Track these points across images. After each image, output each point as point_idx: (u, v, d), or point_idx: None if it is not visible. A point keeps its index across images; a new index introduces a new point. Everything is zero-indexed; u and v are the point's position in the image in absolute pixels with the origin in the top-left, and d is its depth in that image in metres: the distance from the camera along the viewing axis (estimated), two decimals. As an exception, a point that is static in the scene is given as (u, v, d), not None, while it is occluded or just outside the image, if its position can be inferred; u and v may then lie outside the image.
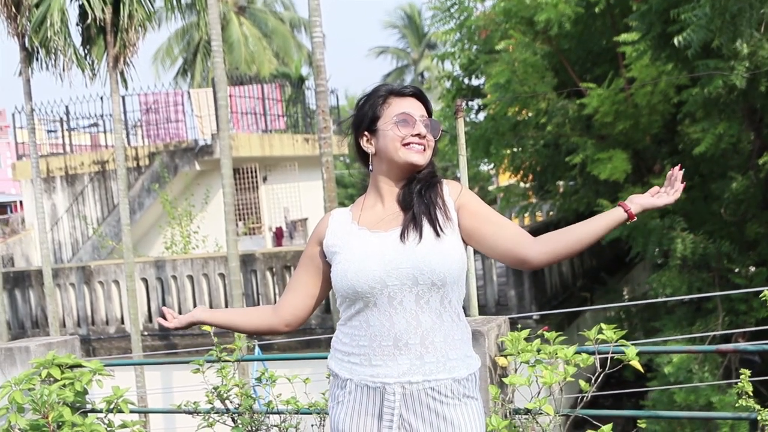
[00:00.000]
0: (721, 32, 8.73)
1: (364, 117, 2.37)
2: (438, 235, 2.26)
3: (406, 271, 2.22)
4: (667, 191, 2.26)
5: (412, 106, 2.35)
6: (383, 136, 2.33)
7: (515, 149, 12.85)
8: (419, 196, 2.31)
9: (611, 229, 2.24)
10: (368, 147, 2.38)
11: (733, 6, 8.38)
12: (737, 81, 9.01)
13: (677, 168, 2.26)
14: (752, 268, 11.39)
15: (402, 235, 2.26)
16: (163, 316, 2.57)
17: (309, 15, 9.94)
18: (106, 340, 13.75)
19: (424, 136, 2.33)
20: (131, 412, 4.42)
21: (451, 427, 2.23)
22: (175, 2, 12.54)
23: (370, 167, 2.39)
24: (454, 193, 2.36)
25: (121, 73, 12.06)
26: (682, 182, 2.30)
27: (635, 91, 10.66)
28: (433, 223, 2.27)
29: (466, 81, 13.96)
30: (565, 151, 12.06)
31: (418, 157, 2.32)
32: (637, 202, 2.24)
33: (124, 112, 17.75)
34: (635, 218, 2.23)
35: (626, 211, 2.21)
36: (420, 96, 2.38)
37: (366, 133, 2.37)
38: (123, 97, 17.28)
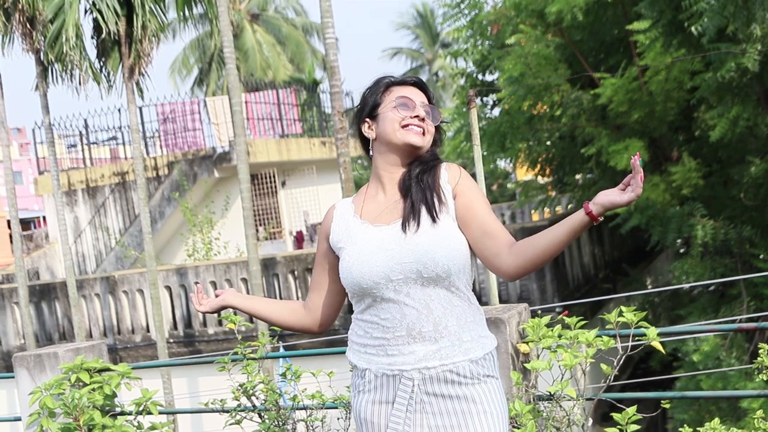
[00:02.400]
0: (734, 17, 8.70)
1: (366, 104, 2.42)
2: (434, 221, 2.27)
3: (410, 266, 2.24)
4: (631, 185, 2.09)
5: (413, 93, 2.40)
6: (383, 120, 2.37)
7: (531, 143, 12.83)
8: (417, 181, 2.34)
9: (577, 232, 2.16)
10: (369, 132, 2.41)
11: (745, -9, 8.36)
12: (749, 64, 8.97)
13: (636, 157, 2.09)
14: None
15: (403, 226, 2.28)
16: (192, 294, 2.61)
17: (321, 17, 10.00)
18: (132, 348, 13.87)
19: (423, 119, 2.36)
20: (160, 413, 4.48)
21: (472, 404, 2.25)
22: (187, 12, 12.66)
23: (371, 152, 2.42)
24: (453, 178, 2.35)
25: (137, 84, 12.18)
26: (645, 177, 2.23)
27: (649, 79, 10.63)
28: (430, 209, 2.29)
29: (479, 77, 13.97)
30: (581, 143, 12.04)
31: (417, 138, 2.34)
32: (599, 202, 2.11)
33: (142, 123, 17.91)
34: (600, 220, 2.13)
35: (587, 213, 2.12)
36: (421, 85, 2.43)
37: (367, 119, 2.41)
38: (140, 108, 17.43)
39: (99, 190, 18.66)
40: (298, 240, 18.60)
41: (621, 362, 3.30)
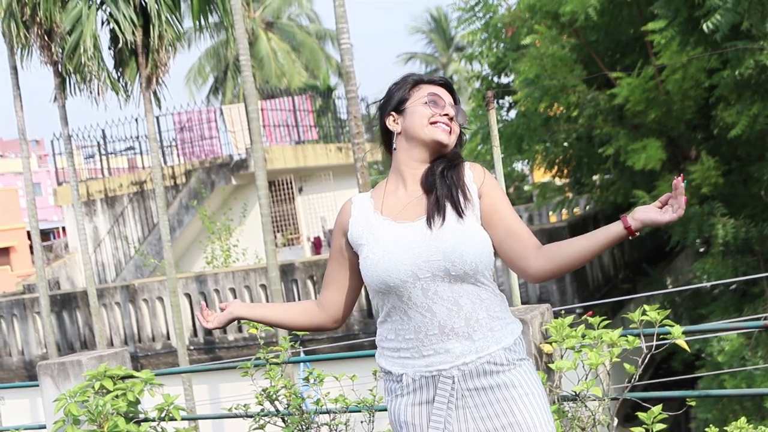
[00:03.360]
0: (749, 14, 8.66)
1: (392, 98, 2.40)
2: (460, 216, 2.26)
3: (437, 264, 2.21)
4: (672, 206, 2.15)
5: (442, 92, 2.39)
6: (411, 114, 2.34)
7: (547, 144, 12.81)
8: (441, 177, 2.31)
9: (612, 243, 2.21)
10: (394, 126, 2.38)
11: (759, -14, 8.33)
12: (767, 61, 8.92)
13: (680, 179, 2.15)
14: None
15: (428, 222, 2.25)
16: (198, 313, 2.57)
17: (336, 22, 10.02)
18: (153, 356, 13.93)
19: (452, 118, 2.35)
20: (183, 419, 4.50)
21: (512, 389, 2.24)
22: (202, 21, 12.73)
23: (394, 146, 2.38)
24: (478, 178, 2.34)
25: (154, 93, 12.26)
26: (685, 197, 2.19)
27: (666, 78, 10.58)
28: (456, 205, 2.27)
29: (495, 79, 13.96)
30: (599, 143, 12.00)
31: (444, 136, 2.33)
32: (639, 218, 2.16)
33: (159, 132, 18.00)
34: (636, 234, 2.17)
35: (626, 227, 2.17)
36: (449, 86, 2.42)
37: (393, 113, 2.38)
38: (157, 117, 17.53)
39: (117, 200, 18.77)
40: (316, 246, 18.63)
41: (645, 362, 3.28)
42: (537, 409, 2.25)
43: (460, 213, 2.26)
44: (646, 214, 2.16)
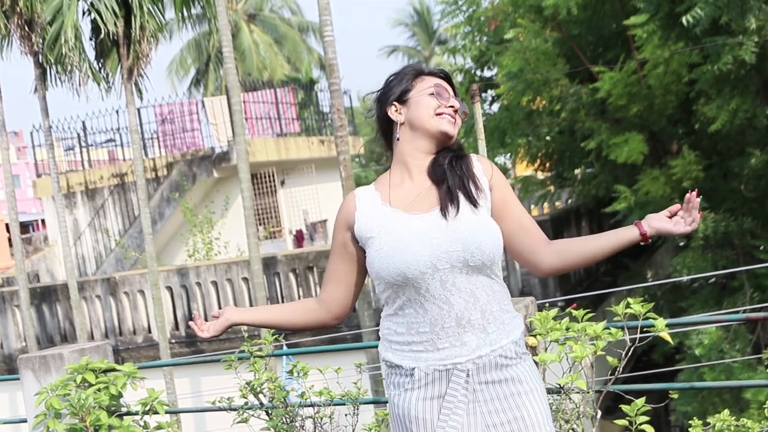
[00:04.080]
0: (729, 8, 8.72)
1: (394, 88, 2.37)
2: (475, 206, 2.25)
3: (456, 254, 2.19)
4: (685, 219, 2.25)
5: (443, 84, 2.37)
6: (416, 104, 2.32)
7: (530, 138, 12.84)
8: (451, 167, 2.29)
9: (624, 247, 2.29)
10: (397, 116, 2.34)
11: (740, -19, 8.38)
12: (746, 56, 8.98)
13: (694, 193, 2.24)
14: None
15: (443, 213, 2.23)
16: (192, 324, 2.47)
17: (319, 14, 9.99)
18: (134, 349, 13.87)
19: (457, 110, 2.34)
20: (166, 413, 4.48)
21: (519, 384, 2.25)
22: (185, 12, 12.64)
23: (397, 137, 2.35)
24: (487, 171, 2.34)
25: (136, 85, 12.18)
26: (699, 211, 2.29)
27: (648, 73, 10.63)
28: (469, 195, 2.26)
29: (478, 73, 13.97)
30: (581, 137, 12.04)
31: (450, 127, 2.31)
32: (654, 225, 2.26)
33: (140, 124, 17.89)
34: (649, 241, 2.26)
35: (641, 233, 2.26)
36: (448, 78, 2.40)
37: (395, 103, 2.35)
38: (138, 109, 17.43)
39: (98, 192, 18.65)
40: (298, 239, 18.60)
41: (629, 354, 3.30)
42: (540, 406, 2.27)
43: (474, 203, 2.26)
44: (661, 224, 2.26)
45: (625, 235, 2.29)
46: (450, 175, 2.28)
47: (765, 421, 3.44)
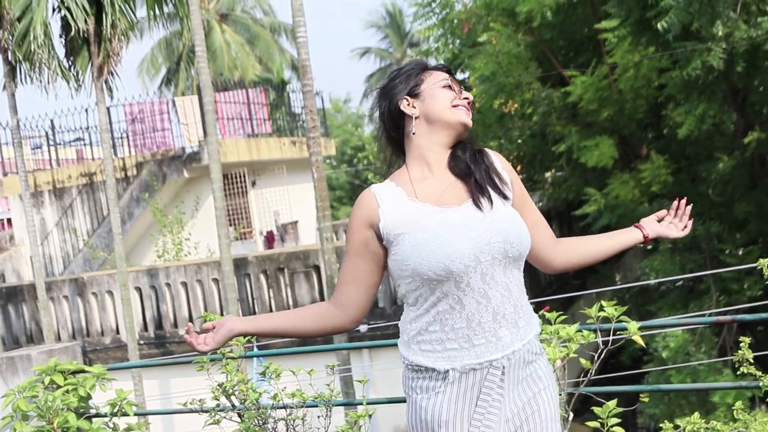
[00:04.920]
0: (699, 15, 8.83)
1: (403, 82, 2.32)
2: (506, 199, 2.26)
3: (497, 246, 2.16)
4: (676, 225, 2.48)
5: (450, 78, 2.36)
6: (431, 97, 2.28)
7: (502, 141, 12.91)
8: (474, 160, 2.28)
9: (628, 247, 2.43)
10: (411, 110, 2.29)
11: (710, -12, 8.50)
12: (714, 62, 9.10)
13: (683, 201, 2.42)
14: (739, 251, 11.47)
15: (477, 206, 2.20)
16: (188, 337, 2.28)
17: (292, 15, 9.96)
18: (102, 350, 13.73)
19: (470, 102, 2.32)
20: (136, 414, 4.43)
21: (539, 381, 2.24)
22: (156, 11, 12.54)
23: (413, 131, 2.28)
24: (505, 166, 2.34)
25: (106, 83, 12.05)
26: (690, 218, 2.48)
27: (618, 77, 10.74)
28: (497, 188, 2.26)
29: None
30: (552, 141, 12.14)
31: (468, 118, 2.29)
32: (655, 230, 2.46)
33: (110, 123, 17.72)
34: (649, 240, 2.43)
35: (644, 235, 2.44)
36: (451, 73, 2.39)
37: (407, 97, 2.30)
38: (108, 108, 17.27)
39: (66, 192, 18.43)
40: (269, 240, 18.52)
41: (601, 357, 3.32)
42: (554, 403, 2.28)
43: (504, 196, 2.26)
44: (660, 228, 2.48)
45: (629, 237, 2.44)
46: (475, 168, 2.26)
47: (732, 422, 3.48)
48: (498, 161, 2.34)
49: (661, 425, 3.39)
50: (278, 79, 26.37)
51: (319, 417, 3.82)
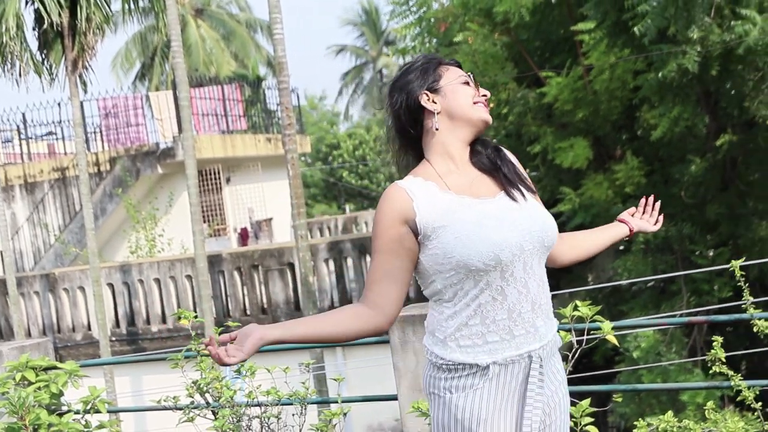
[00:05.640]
0: (675, 19, 8.92)
1: (419, 77, 2.29)
2: (533, 192, 2.29)
3: (537, 235, 2.18)
4: (648, 221, 2.63)
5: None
6: (453, 93, 2.27)
7: (478, 141, 12.92)
8: (497, 155, 2.30)
9: (617, 240, 2.57)
10: (432, 105, 2.26)
11: (685, -8, 8.59)
12: (689, 65, 9.19)
13: (651, 198, 2.57)
14: (710, 252, 11.60)
15: (510, 197, 2.22)
16: (212, 349, 2.01)
17: (269, 12, 9.93)
18: (73, 347, 13.61)
19: (488, 99, 2.32)
20: (109, 411, 4.40)
21: (558, 375, 2.26)
22: (132, 5, 12.43)
23: (436, 127, 2.26)
24: (518, 163, 2.37)
25: (80, 77, 11.94)
26: (660, 213, 2.63)
27: (594, 78, 10.81)
28: (524, 182, 2.29)
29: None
30: (527, 141, 12.18)
31: (488, 116, 2.29)
32: (637, 225, 2.60)
33: (83, 118, 17.55)
34: (633, 234, 2.58)
35: (630, 229, 2.59)
36: (461, 68, 2.40)
37: (426, 92, 2.27)
38: (82, 102, 17.12)
39: (37, 186, 18.23)
40: (243, 237, 18.46)
41: (575, 356, 3.35)
42: (567, 396, 2.30)
43: (531, 190, 2.29)
44: (640, 223, 2.63)
45: (618, 231, 2.58)
46: (501, 163, 2.28)
47: (703, 422, 3.52)
48: (514, 158, 2.37)
49: (635, 423, 3.42)
50: (254, 76, 26.30)
51: (293, 415, 3.81)
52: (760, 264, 9.93)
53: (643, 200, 2.62)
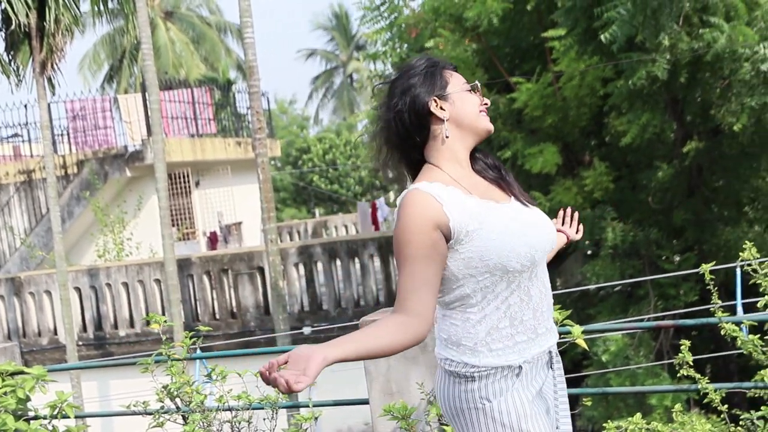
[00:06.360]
0: (643, 27, 9.03)
1: (429, 82, 2.25)
2: (533, 199, 2.36)
3: (552, 237, 2.28)
4: (568, 231, 2.78)
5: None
6: (461, 100, 2.25)
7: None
8: (500, 165, 2.34)
9: (558, 249, 2.66)
10: (441, 112, 2.24)
11: (653, 1, 8.68)
12: (659, 72, 9.30)
13: (569, 210, 2.78)
14: (677, 257, 11.74)
15: (521, 202, 2.28)
16: (278, 377, 1.82)
17: (240, 16, 9.91)
18: (38, 351, 13.43)
19: (487, 108, 2.33)
20: (77, 417, 4.36)
21: (559, 375, 2.33)
22: (101, 6, 12.32)
23: (446, 134, 2.23)
24: None
25: (49, 80, 11.81)
26: (581, 223, 2.82)
27: (563, 85, 10.90)
28: (526, 191, 2.35)
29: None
30: (497, 146, 12.25)
31: (491, 124, 2.30)
32: (569, 232, 2.79)
33: (51, 120, 17.35)
34: (570, 241, 2.79)
35: (568, 238, 2.77)
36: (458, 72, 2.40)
37: (435, 98, 2.24)
38: (49, 104, 16.92)
39: (3, 189, 17.99)
40: (212, 241, 18.35)
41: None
42: (566, 395, 2.37)
43: (531, 198, 2.35)
44: (570, 231, 2.79)
45: (562, 239, 2.73)
46: (504, 172, 2.33)
47: (671, 423, 3.57)
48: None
49: (603, 426, 3.46)
50: (224, 79, 26.16)
51: (264, 419, 3.81)
52: (726, 269, 10.09)
53: (561, 211, 2.80)
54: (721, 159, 11.29)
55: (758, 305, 3.46)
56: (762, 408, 3.34)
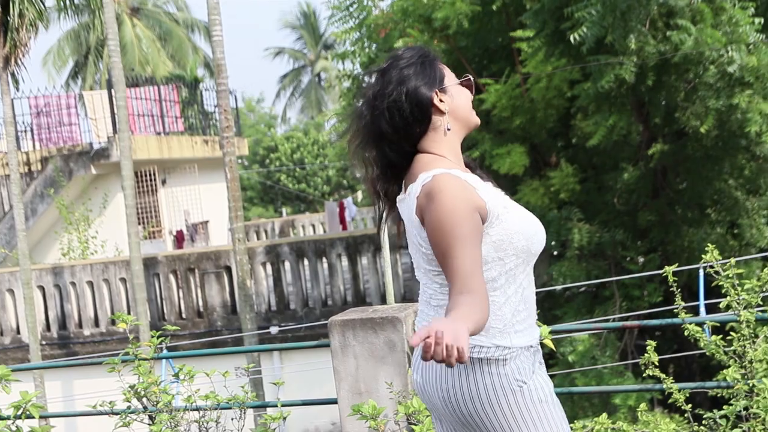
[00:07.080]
0: (613, 28, 9.11)
1: (427, 73, 2.21)
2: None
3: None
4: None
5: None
6: (458, 95, 2.23)
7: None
8: (474, 166, 2.34)
9: None
10: (444, 106, 2.20)
11: (622, 3, 8.76)
12: (626, 75, 9.40)
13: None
14: (641, 259, 11.88)
15: (510, 197, 2.30)
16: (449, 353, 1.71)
17: (208, 14, 9.85)
18: (1, 351, 13.25)
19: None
20: (41, 417, 4.31)
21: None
22: (67, 1, 12.18)
23: (448, 128, 2.20)
24: None
25: (12, 75, 11.65)
26: None
27: (531, 86, 10.98)
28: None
29: (366, 79, 14.02)
30: (465, 147, 12.28)
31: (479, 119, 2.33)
32: None
33: (14, 116, 17.10)
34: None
35: None
36: None
37: (436, 91, 2.20)
38: (12, 100, 16.68)
39: (-36, 186, 17.70)
40: (178, 239, 18.20)
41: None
42: None
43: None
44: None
45: None
46: (482, 170, 2.33)
47: (635, 423, 3.61)
48: None
49: (570, 426, 3.49)
50: (191, 77, 25.97)
51: (232, 419, 3.80)
52: (689, 270, 10.22)
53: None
54: (686, 161, 11.44)
55: (720, 306, 3.51)
56: (724, 407, 3.40)
